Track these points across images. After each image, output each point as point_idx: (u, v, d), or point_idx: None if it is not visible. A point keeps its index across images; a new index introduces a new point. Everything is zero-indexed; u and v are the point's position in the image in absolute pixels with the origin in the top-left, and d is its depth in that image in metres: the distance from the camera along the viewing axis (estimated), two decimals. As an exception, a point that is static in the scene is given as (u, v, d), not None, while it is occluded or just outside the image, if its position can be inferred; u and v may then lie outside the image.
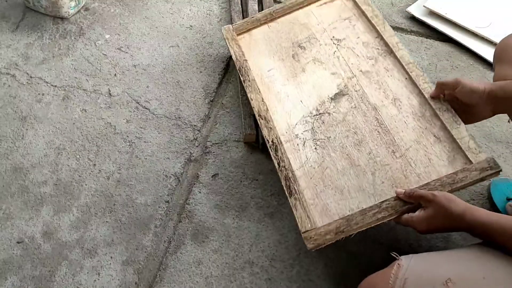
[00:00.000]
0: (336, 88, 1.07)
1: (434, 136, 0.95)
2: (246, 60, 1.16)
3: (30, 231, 1.02)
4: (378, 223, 0.84)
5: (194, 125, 1.19)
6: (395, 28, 1.44)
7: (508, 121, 0.97)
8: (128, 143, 1.16)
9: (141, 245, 0.99)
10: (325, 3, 1.25)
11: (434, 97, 0.97)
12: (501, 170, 0.86)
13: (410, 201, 0.83)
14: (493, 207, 1.04)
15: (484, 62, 1.31)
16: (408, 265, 0.71)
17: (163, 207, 1.05)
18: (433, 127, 0.96)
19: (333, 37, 1.16)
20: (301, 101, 1.06)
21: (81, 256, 0.98)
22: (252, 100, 1.08)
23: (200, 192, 1.07)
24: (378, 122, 0.99)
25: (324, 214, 0.89)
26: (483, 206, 1.04)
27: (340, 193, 0.91)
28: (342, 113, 1.02)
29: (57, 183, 1.09)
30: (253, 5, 1.41)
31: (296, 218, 0.88)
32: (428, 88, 1.00)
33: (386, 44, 1.11)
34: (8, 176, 1.10)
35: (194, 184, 1.09)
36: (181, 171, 1.11)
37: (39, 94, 1.26)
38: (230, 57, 1.35)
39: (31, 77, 1.29)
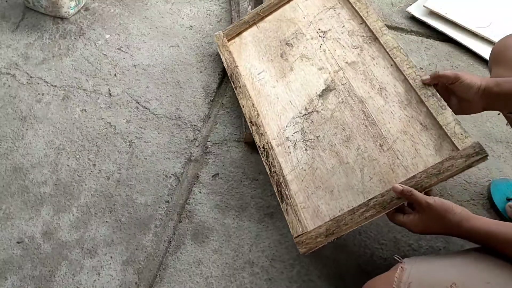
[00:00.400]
0: (323, 84, 1.07)
1: (421, 124, 0.94)
2: (237, 66, 1.18)
3: (30, 231, 1.02)
4: (367, 221, 0.84)
5: (194, 125, 1.19)
6: (395, 28, 1.44)
7: (506, 124, 0.97)
8: (128, 143, 1.16)
9: (141, 245, 0.99)
10: None
11: (426, 84, 0.95)
12: (487, 155, 0.83)
13: (405, 200, 0.82)
14: (493, 207, 1.04)
15: (484, 62, 1.32)
16: (411, 268, 0.70)
17: (163, 207, 1.05)
18: (419, 114, 0.95)
19: (319, 29, 1.16)
20: (290, 102, 1.07)
21: (81, 256, 0.98)
22: (243, 106, 1.10)
23: (200, 192, 1.07)
24: (365, 115, 1.00)
25: (315, 216, 0.90)
26: (483, 206, 1.04)
27: (330, 193, 0.92)
28: (330, 109, 1.03)
29: (57, 183, 1.09)
30: (243, 4, 1.41)
31: (288, 224, 0.90)
32: (413, 74, 0.98)
33: (370, 30, 1.09)
34: (8, 176, 1.10)
35: (194, 184, 1.09)
36: (181, 171, 1.11)
37: (39, 94, 1.26)
38: (230, 57, 1.35)
39: (31, 77, 1.29)
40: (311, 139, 1.01)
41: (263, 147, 1.02)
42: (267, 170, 0.98)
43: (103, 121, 1.20)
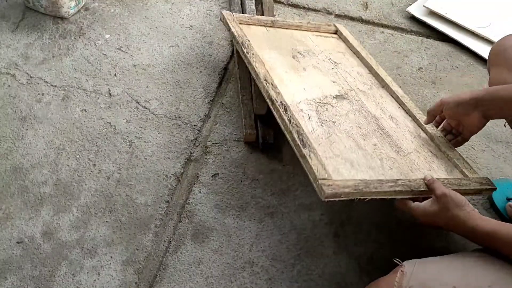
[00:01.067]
0: (337, 91, 1.07)
1: (431, 152, 0.98)
2: (248, 40, 1.11)
3: (30, 231, 1.01)
4: (395, 196, 0.81)
5: (194, 125, 1.19)
6: (395, 28, 1.44)
7: (504, 125, 0.98)
8: (128, 143, 1.15)
9: (141, 245, 0.99)
10: (320, 35, 1.28)
11: (427, 124, 1.01)
12: (496, 189, 0.91)
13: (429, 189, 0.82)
14: (493, 207, 1.04)
15: (484, 62, 1.32)
16: (411, 272, 0.70)
17: (163, 207, 1.05)
18: (429, 145, 0.99)
19: (330, 59, 1.18)
20: (304, 88, 1.04)
21: (81, 256, 0.98)
22: (256, 67, 1.01)
23: (200, 192, 1.07)
24: (379, 127, 1.00)
25: (337, 175, 0.81)
26: (483, 206, 1.05)
27: (350, 164, 0.85)
28: (344, 109, 1.02)
29: (57, 183, 1.08)
30: (250, 5, 1.41)
31: (312, 166, 0.78)
32: (422, 118, 1.04)
33: (380, 79, 1.15)
34: (8, 176, 1.10)
35: (194, 184, 1.09)
36: (181, 171, 1.11)
37: (39, 94, 1.26)
38: (230, 56, 1.35)
39: (31, 77, 1.29)
40: (326, 120, 0.95)
41: (281, 102, 0.92)
42: (286, 121, 0.88)
43: (103, 121, 1.20)
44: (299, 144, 0.83)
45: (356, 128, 0.97)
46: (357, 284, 0.94)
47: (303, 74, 1.09)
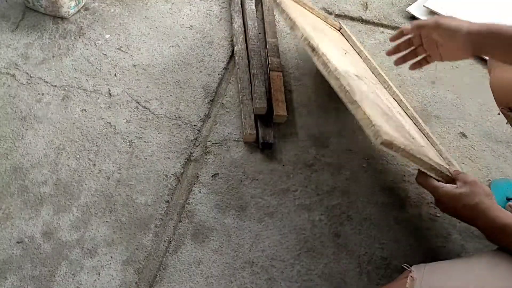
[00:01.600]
0: (355, 71, 1.01)
1: (436, 154, 0.98)
2: None
3: (30, 231, 1.01)
4: (428, 171, 0.81)
5: (194, 125, 1.19)
6: (395, 28, 1.44)
7: (506, 123, 0.98)
8: (128, 143, 1.16)
9: (141, 245, 0.99)
10: (328, 26, 1.26)
11: (407, 33, 0.92)
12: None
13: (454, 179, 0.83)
14: (493, 207, 1.04)
15: (484, 62, 1.32)
16: (422, 277, 0.69)
17: (163, 207, 1.05)
18: (432, 148, 1.00)
19: (341, 47, 1.17)
20: (332, 56, 0.96)
21: (81, 256, 0.98)
22: (291, 14, 0.95)
23: (200, 192, 1.07)
24: (393, 114, 1.00)
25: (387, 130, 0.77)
26: (483, 206, 1.05)
27: (395, 126, 0.83)
28: (364, 88, 0.96)
29: (57, 183, 1.08)
30: (250, 5, 1.41)
31: (368, 116, 0.73)
32: (423, 124, 1.06)
33: (382, 80, 1.15)
34: (8, 176, 1.10)
35: (194, 184, 1.09)
36: (181, 171, 1.11)
37: (39, 94, 1.26)
38: (230, 56, 1.35)
39: (31, 77, 1.29)
40: (355, 85, 0.89)
41: (323, 52, 0.86)
42: (331, 70, 0.83)
43: (103, 121, 1.20)
44: (349, 90, 0.77)
45: (379, 105, 0.92)
46: (357, 284, 0.94)
47: (324, 44, 1.03)
